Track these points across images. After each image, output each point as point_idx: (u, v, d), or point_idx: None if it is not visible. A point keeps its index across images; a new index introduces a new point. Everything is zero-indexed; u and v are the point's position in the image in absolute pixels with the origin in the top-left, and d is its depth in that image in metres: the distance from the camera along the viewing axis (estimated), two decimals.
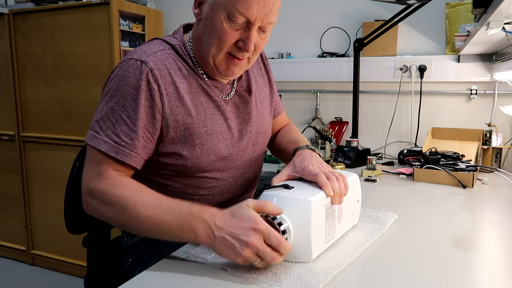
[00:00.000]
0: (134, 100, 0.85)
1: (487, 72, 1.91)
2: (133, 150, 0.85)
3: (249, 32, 0.86)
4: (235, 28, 0.86)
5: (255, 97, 1.05)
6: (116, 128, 0.84)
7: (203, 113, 0.93)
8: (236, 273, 0.74)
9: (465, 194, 1.32)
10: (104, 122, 0.85)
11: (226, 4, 0.83)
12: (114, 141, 0.84)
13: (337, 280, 0.73)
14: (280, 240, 0.70)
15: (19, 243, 2.69)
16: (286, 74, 2.34)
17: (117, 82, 0.87)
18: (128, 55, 0.90)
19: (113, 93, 0.86)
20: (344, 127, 2.24)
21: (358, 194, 0.96)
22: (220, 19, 0.85)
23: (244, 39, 0.87)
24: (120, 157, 0.84)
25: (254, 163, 1.07)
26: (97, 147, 0.84)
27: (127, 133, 0.84)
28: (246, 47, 0.87)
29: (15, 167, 2.57)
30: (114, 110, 0.85)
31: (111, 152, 0.84)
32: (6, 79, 2.49)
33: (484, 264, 0.81)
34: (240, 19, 0.84)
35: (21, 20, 2.39)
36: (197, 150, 0.93)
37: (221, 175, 0.99)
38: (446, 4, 1.97)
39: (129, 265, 1.06)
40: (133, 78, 0.85)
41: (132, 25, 2.29)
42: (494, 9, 0.93)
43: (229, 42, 0.87)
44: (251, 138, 1.03)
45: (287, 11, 2.34)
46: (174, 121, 0.89)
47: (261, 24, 0.87)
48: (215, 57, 0.90)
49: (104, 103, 0.87)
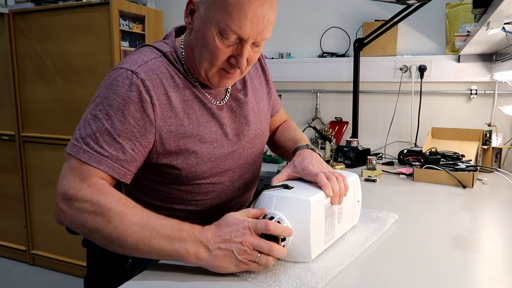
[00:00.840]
0: (121, 110, 0.81)
1: (487, 72, 1.91)
2: (116, 162, 0.81)
3: (242, 50, 0.83)
4: (227, 45, 0.83)
5: (251, 99, 1.04)
6: (98, 137, 0.80)
7: (196, 122, 0.91)
8: (236, 273, 0.74)
9: (465, 194, 1.31)
10: (85, 130, 0.81)
11: (219, 20, 0.80)
12: (95, 151, 0.79)
13: (336, 280, 0.73)
14: (267, 223, 0.72)
15: (19, 243, 2.69)
16: (286, 74, 2.34)
17: (104, 91, 0.83)
18: (119, 64, 0.87)
19: (99, 101, 0.83)
20: (344, 127, 2.24)
21: (358, 194, 0.96)
22: (212, 35, 0.82)
23: (236, 55, 0.84)
24: (103, 168, 0.79)
25: (252, 165, 1.06)
26: (76, 156, 0.80)
27: (110, 143, 0.80)
28: (239, 64, 0.84)
29: (15, 167, 2.57)
30: (97, 118, 0.81)
31: (92, 162, 0.79)
32: (6, 79, 2.49)
33: (484, 264, 0.81)
34: (232, 36, 0.81)
35: (21, 20, 2.39)
36: (192, 159, 0.91)
37: (218, 179, 0.98)
38: (446, 4, 1.97)
39: (129, 266, 1.06)
40: (122, 87, 0.82)
41: (132, 25, 2.29)
42: (494, 9, 0.93)
43: (221, 58, 0.84)
44: (248, 141, 1.02)
45: (287, 11, 2.34)
46: (168, 132, 0.87)
47: (255, 41, 0.84)
48: (208, 71, 0.87)
49: (88, 111, 0.83)
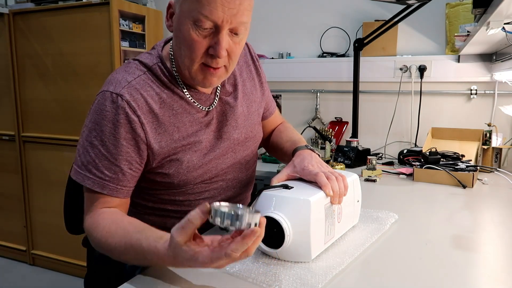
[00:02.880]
0: (113, 135, 0.84)
1: (487, 72, 1.91)
2: (118, 184, 0.85)
3: (218, 37, 0.80)
4: (203, 35, 0.80)
5: (242, 103, 1.03)
6: (97, 164, 0.84)
7: (185, 133, 0.91)
8: (236, 273, 0.74)
9: (465, 194, 1.31)
10: (85, 157, 0.85)
11: (191, 10, 0.79)
12: (97, 177, 0.84)
13: (336, 280, 0.73)
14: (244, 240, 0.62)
15: (19, 243, 2.69)
16: (286, 74, 2.34)
17: (95, 116, 0.85)
18: (104, 85, 0.88)
19: (91, 127, 0.85)
20: (344, 127, 2.24)
21: (358, 194, 0.96)
22: (187, 28, 0.80)
23: (214, 45, 0.81)
24: (107, 192, 0.85)
25: (245, 165, 1.06)
26: (82, 183, 0.85)
27: (109, 167, 0.84)
28: (217, 52, 0.81)
29: (15, 167, 2.57)
30: (94, 145, 0.84)
31: (96, 188, 0.84)
32: (6, 79, 2.49)
33: (484, 264, 0.81)
34: (206, 23, 0.79)
35: (21, 20, 2.39)
36: (184, 168, 0.91)
37: (211, 181, 0.98)
38: (446, 4, 1.97)
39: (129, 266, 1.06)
40: (110, 112, 0.84)
41: (132, 25, 2.29)
42: (494, 9, 0.93)
43: (199, 50, 0.82)
44: (239, 144, 1.01)
45: (287, 11, 2.34)
46: (159, 148, 0.88)
47: (231, 26, 0.80)
48: (190, 68, 0.86)
49: (84, 137, 0.86)
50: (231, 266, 0.76)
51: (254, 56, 1.12)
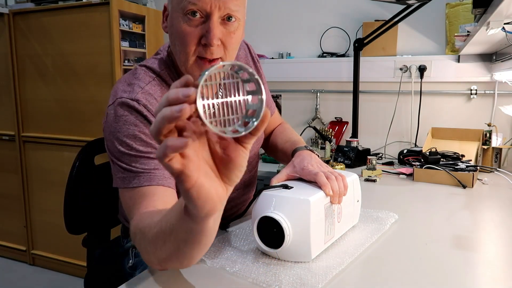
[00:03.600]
0: (138, 136, 0.82)
1: (487, 72, 1.91)
2: (163, 170, 0.80)
3: (209, 24, 0.78)
4: (194, 25, 0.79)
5: None
6: (135, 165, 0.81)
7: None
8: (236, 273, 0.74)
9: (465, 194, 1.31)
10: (120, 166, 0.82)
11: (179, 1, 0.79)
12: (140, 172, 0.80)
13: (336, 280, 0.73)
14: None
15: (19, 243, 2.69)
16: (286, 74, 2.34)
17: (115, 125, 0.83)
18: (115, 95, 0.87)
19: (114, 136, 0.83)
20: (344, 127, 2.24)
21: (358, 194, 0.96)
22: (178, 21, 0.80)
23: (205, 33, 0.79)
24: (156, 182, 0.79)
25: (248, 166, 1.05)
26: (128, 186, 0.80)
27: (147, 162, 0.81)
28: (209, 40, 0.78)
29: (15, 167, 2.57)
30: (123, 153, 0.82)
31: (144, 182, 0.79)
32: (6, 79, 2.49)
33: (484, 264, 0.81)
34: (195, 11, 0.78)
35: (21, 20, 2.39)
36: None
37: None
38: (446, 4, 1.97)
39: (130, 266, 1.06)
40: (130, 116, 0.83)
41: (132, 25, 2.28)
42: (494, 9, 0.93)
43: (191, 41, 0.81)
44: None
45: (287, 11, 2.34)
46: None
47: (221, 13, 0.79)
48: (186, 64, 0.84)
49: (111, 149, 0.84)
50: (231, 266, 0.76)
51: (255, 57, 1.13)
